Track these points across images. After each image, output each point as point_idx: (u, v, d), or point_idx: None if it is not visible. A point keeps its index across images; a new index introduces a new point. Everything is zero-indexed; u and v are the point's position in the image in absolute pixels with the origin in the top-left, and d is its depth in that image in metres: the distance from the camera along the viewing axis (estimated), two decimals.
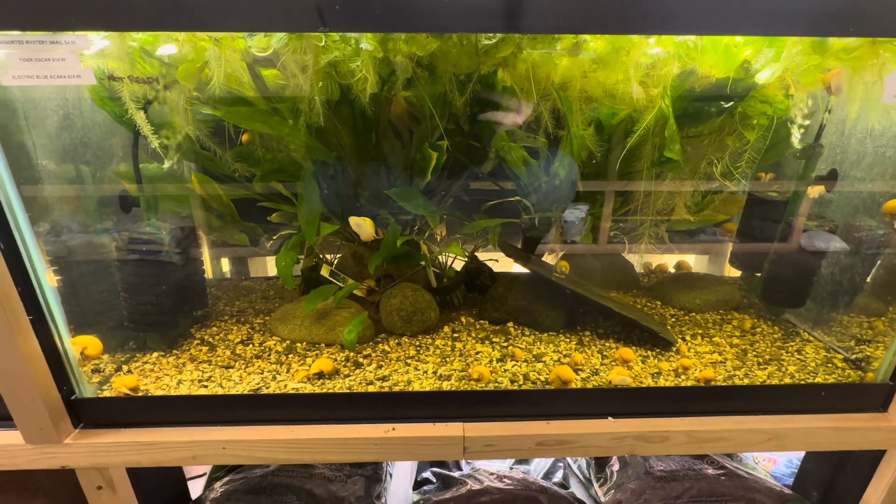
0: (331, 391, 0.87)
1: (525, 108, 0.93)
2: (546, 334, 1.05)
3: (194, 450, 0.83)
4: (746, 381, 0.91)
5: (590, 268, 1.25)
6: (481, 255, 1.20)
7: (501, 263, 1.20)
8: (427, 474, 1.32)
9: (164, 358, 0.94)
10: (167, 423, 0.85)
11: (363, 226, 0.92)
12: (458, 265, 1.20)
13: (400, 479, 1.29)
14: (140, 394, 0.86)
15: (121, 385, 0.84)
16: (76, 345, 0.84)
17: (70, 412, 0.83)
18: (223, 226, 1.07)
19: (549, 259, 1.19)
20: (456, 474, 1.29)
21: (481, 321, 1.09)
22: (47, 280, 0.77)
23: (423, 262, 1.10)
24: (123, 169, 0.94)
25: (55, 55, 0.63)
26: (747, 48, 0.78)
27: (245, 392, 0.87)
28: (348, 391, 0.87)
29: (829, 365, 0.96)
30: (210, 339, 1.01)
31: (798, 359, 0.98)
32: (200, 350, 0.97)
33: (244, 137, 1.03)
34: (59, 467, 0.83)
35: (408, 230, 1.11)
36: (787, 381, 0.92)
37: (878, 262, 1.04)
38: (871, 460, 0.96)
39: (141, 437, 0.83)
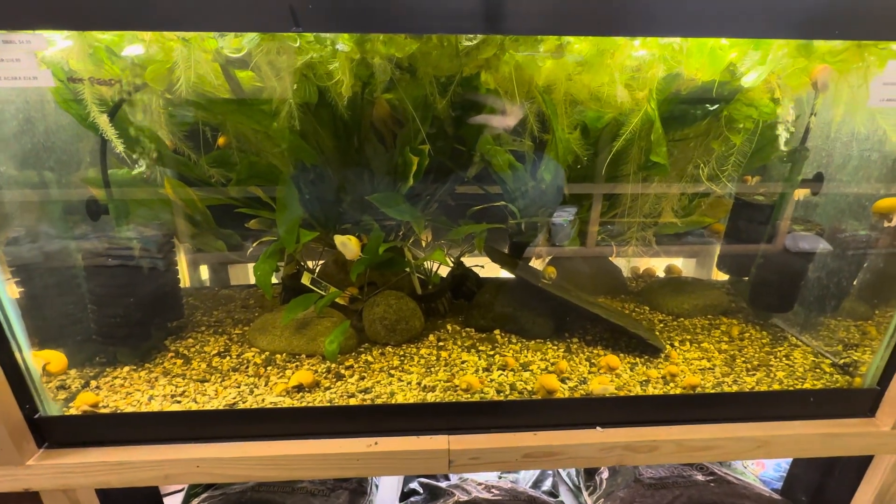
0: (310, 405, 0.84)
1: (511, 110, 0.91)
2: (533, 342, 1.03)
3: (166, 469, 0.79)
4: (735, 388, 0.90)
5: (577, 273, 1.23)
6: (468, 261, 1.18)
7: (488, 269, 1.18)
8: (414, 485, 1.29)
9: (136, 372, 0.90)
10: (138, 441, 0.81)
11: (348, 245, 0.90)
12: (445, 271, 1.17)
13: (386, 490, 1.26)
14: (107, 411, 0.82)
15: (80, 402, 0.80)
16: (38, 360, 0.80)
17: (33, 431, 0.79)
18: (199, 233, 1.03)
19: (536, 264, 1.17)
20: (443, 485, 1.27)
21: (468, 329, 1.07)
22: (7, 292, 0.73)
23: (407, 269, 1.08)
24: (92, 175, 0.90)
25: (9, 56, 0.59)
26: (733, 51, 0.77)
27: (220, 407, 0.83)
28: (329, 404, 0.84)
29: (818, 370, 0.96)
30: (185, 352, 0.97)
31: (786, 364, 0.97)
32: (174, 363, 0.93)
33: (220, 141, 1.00)
34: (21, 490, 0.79)
35: (392, 236, 1.08)
36: (776, 387, 0.91)
37: (865, 265, 1.04)
38: (859, 465, 0.95)
39: (110, 456, 0.79)
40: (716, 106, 0.87)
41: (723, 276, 1.26)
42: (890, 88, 0.65)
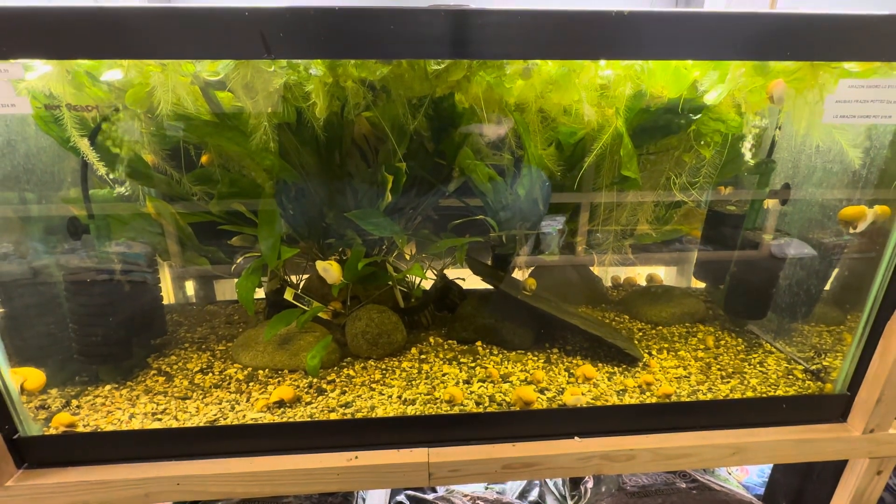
0: (291, 420, 0.84)
1: (487, 128, 0.93)
2: (514, 353, 1.04)
3: (147, 487, 0.79)
4: (710, 396, 0.91)
5: (559, 283, 1.25)
6: (451, 273, 1.19)
7: (471, 280, 1.19)
8: (401, 498, 1.29)
9: (118, 391, 0.91)
10: (119, 459, 0.81)
11: (330, 270, 0.91)
12: (429, 283, 1.19)
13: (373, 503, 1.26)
14: (88, 430, 0.82)
15: (56, 423, 0.81)
16: (15, 377, 0.80)
17: (13, 452, 0.79)
18: (181, 250, 1.04)
19: (517, 275, 1.19)
20: (430, 496, 1.27)
21: (450, 341, 1.08)
22: None
23: (390, 283, 1.09)
24: (73, 194, 0.91)
25: None
26: (695, 70, 0.80)
27: (202, 424, 0.84)
28: (310, 419, 0.85)
29: (790, 376, 0.98)
30: (167, 369, 0.97)
31: (760, 371, 0.99)
32: (156, 381, 0.94)
33: (203, 159, 1.01)
34: None
35: (376, 250, 1.10)
36: (750, 394, 0.92)
37: (835, 271, 1.07)
38: (835, 469, 0.97)
39: (90, 475, 0.79)
40: (683, 121, 0.89)
41: (700, 285, 1.28)
42: (842, 106, 0.68)
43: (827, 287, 1.08)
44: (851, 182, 0.89)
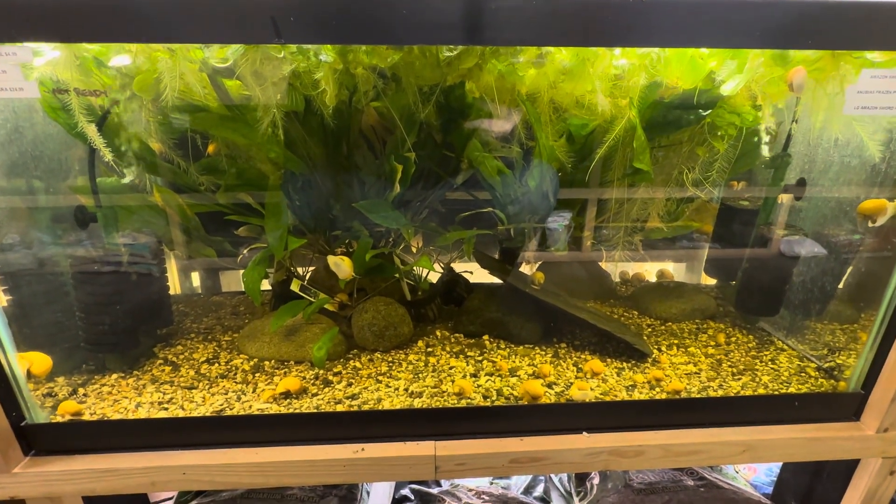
0: (297, 411, 0.84)
1: (498, 118, 0.92)
2: (522, 347, 1.03)
3: (152, 476, 0.79)
4: (721, 393, 0.90)
5: (567, 278, 1.24)
6: (458, 266, 1.18)
7: (478, 274, 1.18)
8: (405, 491, 1.29)
9: (124, 379, 0.91)
10: (125, 448, 0.81)
11: (342, 265, 0.90)
12: (436, 276, 1.18)
13: (377, 497, 1.26)
14: (95, 418, 0.82)
15: (63, 411, 0.81)
16: (21, 362, 0.79)
17: (20, 439, 0.79)
18: (188, 240, 1.04)
19: (525, 269, 1.18)
20: (435, 491, 1.27)
21: (456, 334, 1.07)
22: None
23: (397, 275, 1.08)
24: (80, 183, 0.90)
25: None
26: (712, 59, 0.78)
27: (208, 414, 0.83)
28: (316, 411, 0.84)
29: (803, 374, 0.96)
30: (174, 359, 0.97)
31: (772, 368, 0.98)
32: (163, 370, 0.93)
33: (210, 148, 1.01)
34: (7, 498, 0.79)
35: (383, 242, 1.09)
36: (761, 391, 0.91)
37: (850, 268, 1.05)
38: (846, 468, 0.96)
39: (96, 463, 0.79)
40: (698, 113, 0.88)
41: (711, 281, 1.27)
42: (864, 97, 0.66)
43: (841, 284, 1.06)
44: (870, 176, 0.87)
